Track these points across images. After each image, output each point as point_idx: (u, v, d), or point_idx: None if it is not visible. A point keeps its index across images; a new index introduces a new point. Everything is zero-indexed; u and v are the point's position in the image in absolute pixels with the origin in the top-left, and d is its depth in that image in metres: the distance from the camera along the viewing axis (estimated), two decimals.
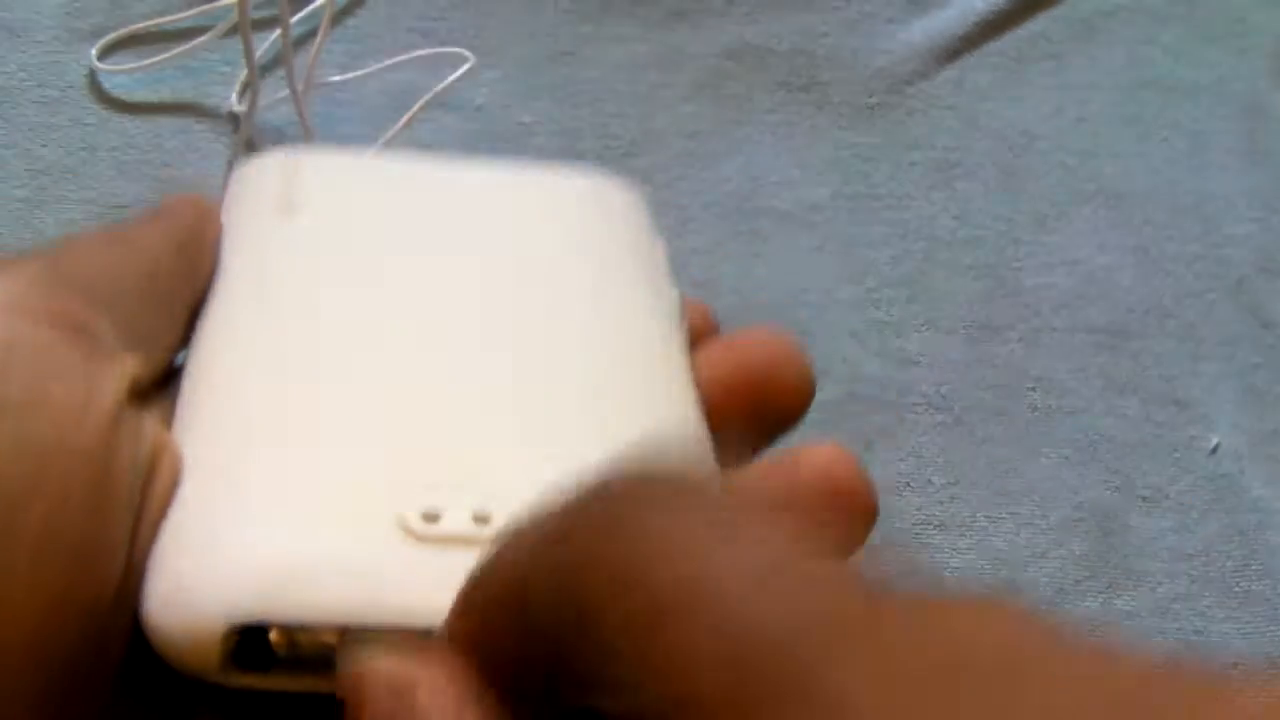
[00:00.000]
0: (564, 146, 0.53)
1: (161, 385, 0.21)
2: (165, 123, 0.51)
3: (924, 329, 0.51)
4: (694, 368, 0.23)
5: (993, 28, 0.57)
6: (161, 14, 0.53)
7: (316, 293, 0.22)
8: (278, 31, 0.52)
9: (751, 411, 0.22)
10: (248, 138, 0.50)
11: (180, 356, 0.21)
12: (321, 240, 0.23)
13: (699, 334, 0.24)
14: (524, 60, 0.55)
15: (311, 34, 0.51)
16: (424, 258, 0.24)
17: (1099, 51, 0.58)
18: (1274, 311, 0.53)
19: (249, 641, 0.17)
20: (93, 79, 0.52)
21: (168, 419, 0.20)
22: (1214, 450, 0.50)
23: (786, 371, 0.23)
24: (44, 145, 0.50)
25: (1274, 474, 0.50)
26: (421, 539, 0.18)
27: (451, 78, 0.52)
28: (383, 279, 0.23)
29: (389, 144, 0.50)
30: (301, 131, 0.50)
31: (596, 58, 0.55)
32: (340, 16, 0.54)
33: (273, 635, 0.17)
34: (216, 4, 0.53)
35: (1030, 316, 0.52)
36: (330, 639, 0.17)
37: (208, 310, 0.22)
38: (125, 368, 0.19)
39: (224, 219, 0.24)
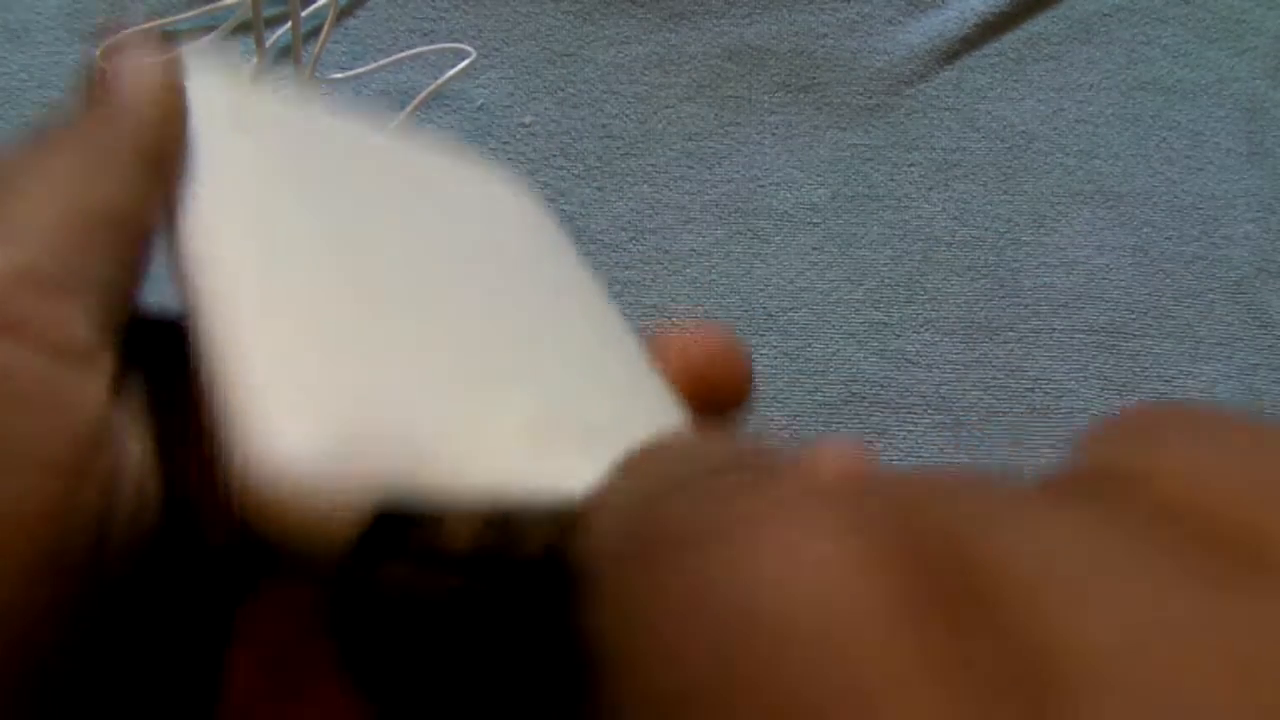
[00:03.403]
0: (564, 146, 0.53)
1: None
2: None
3: (923, 329, 0.51)
4: None
5: (991, 28, 0.57)
6: (162, 15, 0.54)
7: (332, 227, 0.20)
8: (279, 30, 0.53)
9: (695, 407, 0.23)
10: None
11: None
12: (297, 171, 0.21)
13: None
14: (524, 60, 0.55)
15: (312, 34, 0.51)
16: (390, 228, 0.22)
17: (1098, 52, 0.58)
18: (1273, 312, 0.53)
19: (383, 528, 0.15)
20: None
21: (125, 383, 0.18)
22: None
23: (727, 367, 0.24)
24: None
25: None
26: (547, 443, 0.17)
27: (452, 71, 0.52)
28: (367, 223, 0.21)
29: None
30: None
31: (596, 58, 0.55)
32: (341, 17, 0.54)
33: (416, 523, 0.15)
34: (218, 5, 0.53)
35: (1029, 317, 0.52)
36: (465, 535, 0.16)
37: (208, 207, 0.19)
38: (103, 367, 0.17)
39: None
